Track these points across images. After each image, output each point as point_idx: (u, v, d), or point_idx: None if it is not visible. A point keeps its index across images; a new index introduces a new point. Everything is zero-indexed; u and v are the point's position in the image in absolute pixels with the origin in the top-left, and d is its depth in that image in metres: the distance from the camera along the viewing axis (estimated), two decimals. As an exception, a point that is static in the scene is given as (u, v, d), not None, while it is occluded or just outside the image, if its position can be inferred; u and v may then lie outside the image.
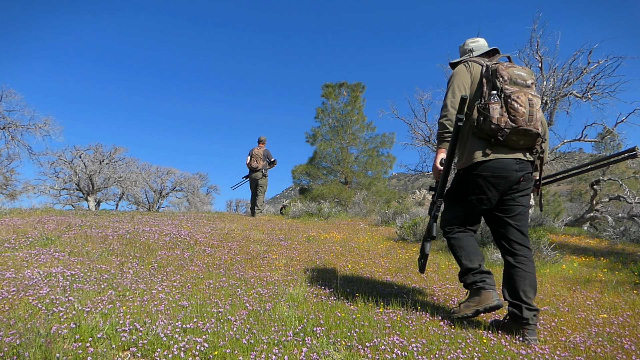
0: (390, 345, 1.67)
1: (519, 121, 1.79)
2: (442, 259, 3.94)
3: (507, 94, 1.81)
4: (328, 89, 15.89)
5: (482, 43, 2.16)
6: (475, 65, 1.98)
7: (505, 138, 1.82)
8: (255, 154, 7.75)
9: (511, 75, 1.85)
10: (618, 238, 5.59)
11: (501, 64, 1.90)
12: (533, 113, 1.81)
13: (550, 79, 9.84)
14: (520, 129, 1.79)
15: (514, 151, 1.87)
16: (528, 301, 1.85)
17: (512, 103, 1.79)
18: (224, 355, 1.54)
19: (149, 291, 2.30)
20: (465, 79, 1.95)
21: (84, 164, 16.82)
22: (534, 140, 1.86)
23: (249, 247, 3.99)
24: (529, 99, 1.81)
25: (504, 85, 1.83)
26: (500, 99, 1.83)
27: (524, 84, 1.86)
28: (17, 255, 2.98)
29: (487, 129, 1.83)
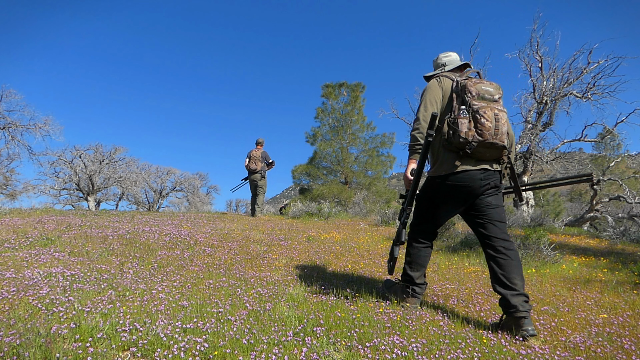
0: (390, 345, 1.67)
1: (486, 135, 1.91)
2: (442, 259, 3.94)
3: (474, 109, 1.94)
4: (328, 89, 15.89)
5: (454, 58, 2.29)
6: (447, 80, 2.11)
7: (472, 151, 1.95)
8: (254, 156, 7.80)
9: (479, 91, 1.97)
10: (618, 238, 5.59)
11: (470, 80, 2.02)
12: (499, 127, 1.93)
13: (550, 79, 9.84)
14: (486, 142, 1.92)
15: (481, 162, 2.01)
16: (513, 287, 1.92)
17: (479, 118, 1.92)
18: (224, 355, 1.54)
19: (149, 291, 2.30)
20: (437, 94, 2.08)
21: (84, 164, 16.82)
22: (500, 153, 2.00)
23: (249, 247, 3.99)
24: (495, 113, 1.94)
25: (472, 101, 1.95)
26: (468, 113, 1.95)
27: (491, 99, 1.98)
28: (17, 255, 2.98)
29: (456, 142, 1.96)
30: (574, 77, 9.53)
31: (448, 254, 4.25)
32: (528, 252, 3.85)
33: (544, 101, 9.85)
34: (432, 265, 3.64)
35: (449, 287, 2.83)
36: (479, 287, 2.87)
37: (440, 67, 2.29)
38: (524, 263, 3.71)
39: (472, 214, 2.10)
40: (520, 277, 1.96)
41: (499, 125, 1.93)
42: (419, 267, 2.23)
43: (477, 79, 2.06)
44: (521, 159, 10.25)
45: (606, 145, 12.84)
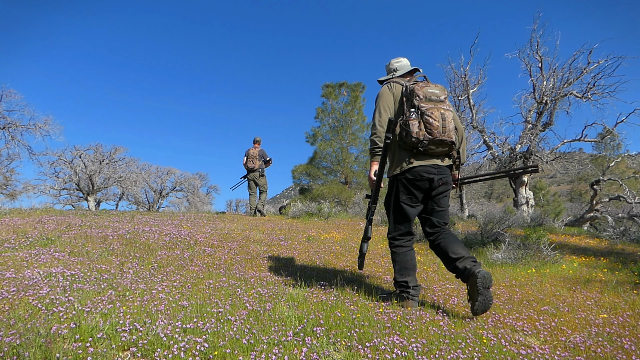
0: (390, 345, 1.67)
1: (434, 133, 2.12)
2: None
3: (422, 111, 2.14)
4: (328, 89, 15.88)
5: (405, 63, 2.47)
6: (397, 86, 2.30)
7: (425, 148, 2.16)
8: (251, 155, 7.90)
9: (426, 94, 2.17)
10: (618, 238, 5.59)
11: (417, 84, 2.22)
12: (446, 125, 2.14)
13: (550, 79, 9.85)
14: (436, 139, 2.13)
15: (433, 158, 2.22)
16: (458, 256, 2.18)
17: (427, 118, 2.12)
18: (224, 355, 1.54)
19: (149, 291, 2.30)
20: (389, 100, 2.28)
21: (84, 164, 16.82)
22: (449, 148, 2.22)
23: (249, 247, 3.99)
24: (442, 113, 2.15)
25: (420, 103, 2.15)
26: (417, 115, 2.15)
27: (437, 100, 2.18)
28: (17, 255, 2.98)
29: (409, 142, 2.16)
30: (574, 77, 9.54)
31: (448, 254, 4.25)
32: (528, 252, 3.85)
33: (544, 101, 9.85)
34: (432, 265, 3.64)
35: (449, 287, 2.83)
36: (479, 287, 2.87)
37: (392, 72, 2.47)
38: (524, 263, 3.71)
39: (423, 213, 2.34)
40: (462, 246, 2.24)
41: (446, 123, 2.14)
42: (408, 272, 2.30)
43: (423, 83, 2.25)
44: (521, 158, 10.25)
45: (606, 145, 12.84)
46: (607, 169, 12.04)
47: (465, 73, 11.13)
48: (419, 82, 2.27)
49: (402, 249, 2.33)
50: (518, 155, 10.22)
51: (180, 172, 21.79)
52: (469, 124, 11.23)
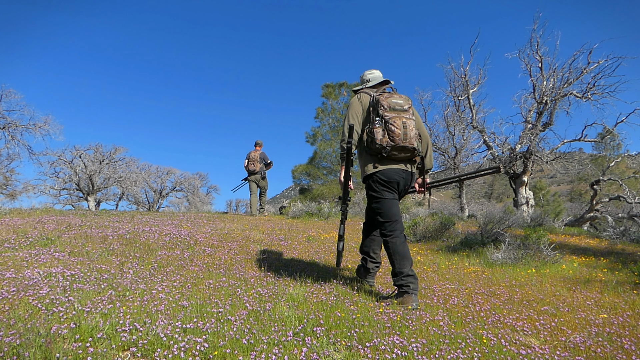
0: (390, 345, 1.67)
1: (396, 140, 2.29)
2: (442, 259, 3.94)
3: (386, 119, 2.32)
4: (328, 89, 15.88)
5: (377, 75, 2.65)
6: (365, 96, 2.48)
7: (388, 154, 2.33)
8: (252, 158, 8.04)
9: (390, 104, 2.35)
10: (618, 238, 5.58)
11: (382, 95, 2.40)
12: (407, 133, 2.31)
13: (550, 79, 9.85)
14: (398, 146, 2.30)
15: (398, 163, 2.40)
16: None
17: (390, 126, 2.30)
18: (224, 355, 1.54)
19: (149, 291, 2.30)
20: (357, 109, 2.45)
21: (84, 164, 16.82)
22: (411, 154, 2.38)
23: (249, 247, 3.98)
24: (404, 122, 2.32)
25: (384, 113, 2.33)
26: (381, 123, 2.32)
27: (401, 109, 2.36)
28: (17, 255, 2.97)
29: (374, 148, 2.34)
30: (574, 77, 9.54)
31: (448, 254, 4.25)
32: (528, 252, 3.85)
33: (544, 101, 9.85)
34: (432, 265, 3.64)
35: (449, 287, 2.83)
36: (479, 287, 2.87)
37: (365, 83, 2.65)
38: (524, 263, 3.71)
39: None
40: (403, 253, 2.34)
41: (407, 131, 2.31)
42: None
43: (389, 94, 2.43)
44: (521, 159, 10.25)
45: (606, 145, 12.83)
46: (607, 169, 12.04)
47: (465, 73, 11.13)
48: (385, 92, 2.45)
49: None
50: (518, 155, 10.22)
51: (180, 172, 21.79)
52: (469, 124, 11.23)
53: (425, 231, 5.11)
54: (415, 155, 2.41)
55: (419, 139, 2.43)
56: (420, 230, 5.10)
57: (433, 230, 5.16)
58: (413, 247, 4.59)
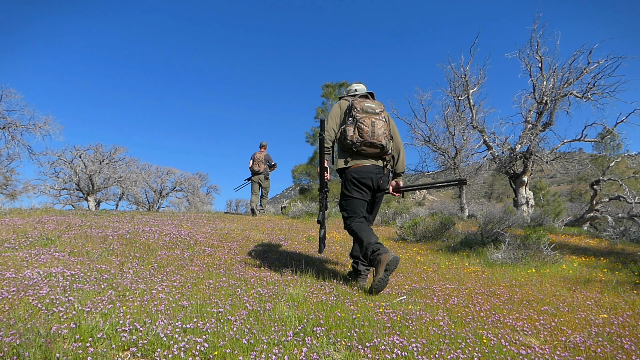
0: (390, 345, 1.67)
1: (365, 137, 2.59)
2: (442, 259, 3.94)
3: (357, 119, 2.63)
4: (328, 89, 15.87)
5: (362, 87, 2.98)
6: (344, 102, 2.81)
7: (358, 149, 2.63)
8: (257, 159, 8.26)
9: (362, 107, 2.67)
10: (618, 238, 5.58)
11: (357, 100, 2.73)
12: (375, 131, 2.60)
13: (550, 79, 9.85)
14: (366, 142, 2.60)
15: (368, 159, 2.68)
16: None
17: (359, 125, 2.61)
18: (224, 355, 1.54)
19: (149, 291, 2.30)
20: (336, 112, 2.79)
21: (84, 164, 16.81)
22: (380, 150, 2.66)
23: (249, 247, 3.98)
24: (372, 121, 2.62)
25: (357, 114, 2.65)
26: (353, 123, 2.64)
27: (372, 112, 2.66)
28: (17, 255, 2.97)
29: (346, 144, 2.66)
30: (574, 77, 9.53)
31: (448, 254, 4.25)
32: (528, 252, 3.85)
33: (544, 101, 9.84)
34: (432, 265, 3.64)
35: (449, 287, 2.83)
36: (479, 287, 2.87)
37: (350, 93, 2.97)
38: (524, 263, 3.71)
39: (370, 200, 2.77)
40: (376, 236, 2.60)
41: (375, 129, 2.60)
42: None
43: (364, 99, 2.75)
44: (521, 159, 10.25)
45: (606, 145, 12.83)
46: (607, 169, 12.04)
47: (465, 73, 11.13)
48: (360, 98, 2.78)
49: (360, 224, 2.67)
50: (518, 155, 10.22)
51: (180, 172, 21.78)
52: (469, 124, 11.23)
53: (425, 231, 5.11)
54: (385, 153, 2.70)
55: (390, 140, 2.72)
56: (420, 230, 5.10)
57: (433, 230, 5.16)
58: (413, 247, 4.59)
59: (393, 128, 2.82)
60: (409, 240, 4.99)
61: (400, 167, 2.84)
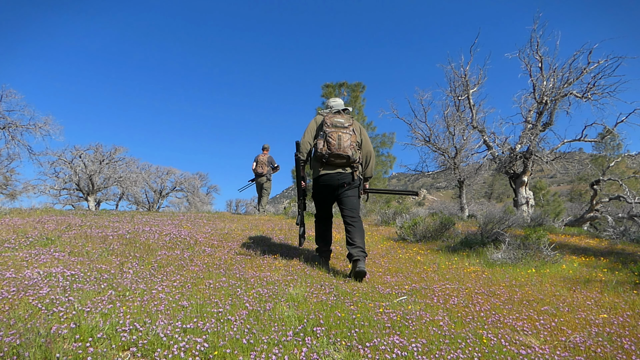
0: (390, 345, 1.67)
1: (332, 149, 2.98)
2: (442, 259, 3.94)
3: (327, 133, 3.02)
4: (328, 89, 15.87)
5: (339, 103, 3.33)
6: (319, 117, 3.20)
7: (327, 160, 3.03)
8: (260, 161, 8.43)
9: (332, 122, 3.05)
10: (618, 238, 5.58)
11: (328, 115, 3.10)
12: (341, 144, 2.97)
13: (550, 79, 9.84)
14: (334, 153, 2.98)
15: (336, 167, 3.08)
16: (354, 243, 3.00)
17: (328, 139, 3.00)
18: (224, 355, 1.54)
19: (149, 291, 2.30)
20: (312, 127, 3.18)
21: (84, 164, 16.81)
22: (347, 161, 3.04)
23: (249, 247, 3.98)
24: (339, 135, 2.99)
25: (326, 129, 3.03)
26: (323, 137, 3.02)
27: (341, 126, 3.03)
28: (17, 255, 2.97)
29: (317, 155, 3.06)
30: (574, 77, 9.53)
31: (448, 254, 4.25)
32: (528, 252, 3.84)
33: (544, 101, 9.84)
34: (432, 265, 3.64)
35: (449, 287, 2.82)
36: (479, 287, 2.87)
37: (328, 108, 3.32)
38: (524, 263, 3.71)
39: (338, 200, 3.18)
40: (360, 239, 3.02)
41: (341, 142, 2.97)
42: (321, 239, 3.38)
43: (335, 114, 3.12)
44: (521, 159, 10.25)
45: (606, 145, 12.84)
46: (607, 169, 12.03)
47: (465, 73, 11.12)
48: (332, 114, 3.15)
49: (321, 226, 3.38)
50: (518, 155, 10.21)
51: (180, 172, 21.75)
52: (469, 124, 11.22)
53: (425, 231, 5.11)
54: (351, 162, 3.06)
55: (357, 150, 3.08)
56: (420, 230, 5.10)
57: (433, 230, 5.16)
58: (413, 247, 4.59)
59: (364, 138, 3.18)
60: (409, 240, 4.99)
61: (368, 173, 3.25)
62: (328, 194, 3.16)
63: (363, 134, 3.20)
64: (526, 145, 10.19)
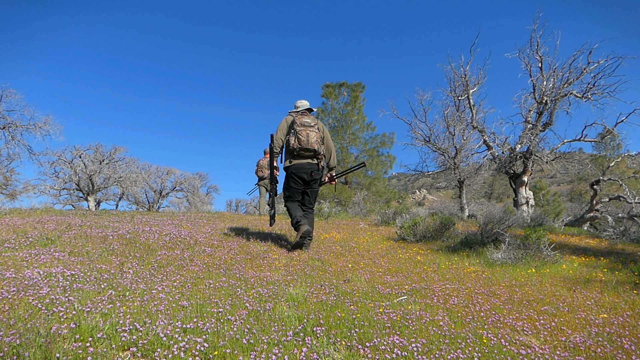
0: (390, 345, 1.67)
1: (302, 144, 3.68)
2: (442, 259, 3.94)
3: (296, 131, 3.71)
4: (328, 89, 15.87)
5: (304, 104, 3.96)
6: (289, 117, 3.85)
7: (298, 153, 3.74)
8: (261, 165, 8.65)
9: (301, 122, 3.73)
10: (618, 238, 5.58)
11: (298, 116, 3.77)
12: (309, 140, 3.68)
13: (550, 79, 9.84)
14: (303, 147, 3.69)
15: (305, 158, 3.78)
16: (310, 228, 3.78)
17: (298, 136, 3.69)
18: (224, 355, 1.54)
19: (149, 291, 2.30)
20: (283, 126, 3.84)
21: (84, 164, 16.81)
22: (314, 153, 3.76)
23: (249, 247, 3.98)
24: (307, 133, 3.69)
25: (297, 127, 3.71)
26: (294, 134, 3.71)
27: (308, 125, 3.72)
28: (17, 255, 2.97)
29: (290, 149, 3.77)
30: (574, 77, 9.53)
31: (448, 254, 4.25)
32: (528, 252, 3.84)
33: (544, 101, 9.84)
34: (432, 265, 3.64)
35: (449, 287, 2.82)
36: (479, 287, 2.87)
37: (296, 108, 3.97)
38: (524, 263, 3.71)
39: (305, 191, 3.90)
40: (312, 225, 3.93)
41: (309, 139, 3.69)
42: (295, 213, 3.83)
43: (303, 115, 3.78)
44: (521, 159, 10.25)
45: (606, 145, 12.83)
46: (607, 169, 12.03)
47: (465, 73, 11.12)
48: (300, 115, 3.80)
49: (292, 203, 3.91)
50: (518, 155, 10.21)
51: (180, 172, 21.77)
52: (469, 124, 11.22)
53: (425, 231, 5.11)
54: (317, 154, 3.78)
55: (321, 145, 3.79)
56: (420, 230, 5.10)
57: (433, 230, 5.16)
58: (413, 247, 4.59)
59: (326, 135, 3.91)
60: (409, 240, 4.99)
61: (332, 163, 3.99)
62: (300, 180, 3.80)
63: (325, 132, 3.91)
64: (526, 145, 10.19)
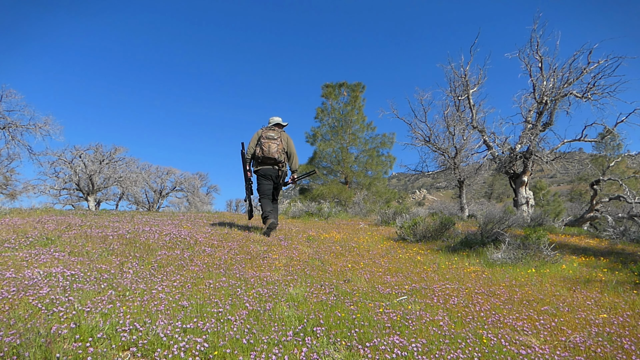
0: (390, 345, 1.67)
1: (264, 153, 4.57)
2: (442, 259, 3.94)
3: (261, 143, 4.61)
4: (328, 89, 15.87)
5: (275, 120, 4.86)
6: (260, 131, 4.72)
7: (262, 160, 4.64)
8: None
9: (266, 135, 4.64)
10: (618, 238, 5.58)
11: (264, 129, 4.70)
12: (270, 150, 4.56)
13: (550, 79, 9.84)
14: (265, 156, 4.58)
15: (269, 165, 4.68)
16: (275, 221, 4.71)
17: (262, 147, 4.58)
18: (224, 355, 1.54)
19: (149, 291, 2.30)
20: (254, 138, 4.71)
21: (84, 164, 16.81)
22: (274, 161, 4.63)
23: (249, 247, 3.98)
24: (269, 145, 4.58)
25: (262, 139, 4.61)
26: (259, 145, 4.61)
27: (272, 138, 4.62)
28: (17, 255, 2.97)
29: (255, 157, 4.67)
30: (574, 77, 9.52)
31: (448, 254, 4.25)
32: (528, 252, 3.84)
33: (544, 101, 9.84)
34: (432, 265, 3.64)
35: (449, 287, 2.82)
36: (479, 287, 2.87)
37: (268, 123, 4.87)
38: (524, 263, 3.71)
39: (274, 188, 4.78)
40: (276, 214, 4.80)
41: (271, 149, 4.56)
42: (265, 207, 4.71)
43: (269, 129, 4.70)
44: (521, 159, 10.24)
45: (606, 145, 12.83)
46: (607, 169, 12.03)
47: (465, 73, 11.12)
48: (267, 128, 4.70)
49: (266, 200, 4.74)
50: (518, 155, 10.21)
51: (180, 172, 21.77)
52: (469, 124, 11.22)
53: (425, 231, 5.11)
54: (277, 162, 4.65)
55: (282, 154, 4.65)
56: (420, 230, 5.10)
57: (433, 230, 5.16)
58: (413, 247, 4.59)
59: (289, 144, 4.74)
60: (409, 240, 4.99)
61: (293, 167, 4.78)
62: (268, 181, 4.70)
63: (289, 142, 4.76)
64: (526, 145, 10.19)
